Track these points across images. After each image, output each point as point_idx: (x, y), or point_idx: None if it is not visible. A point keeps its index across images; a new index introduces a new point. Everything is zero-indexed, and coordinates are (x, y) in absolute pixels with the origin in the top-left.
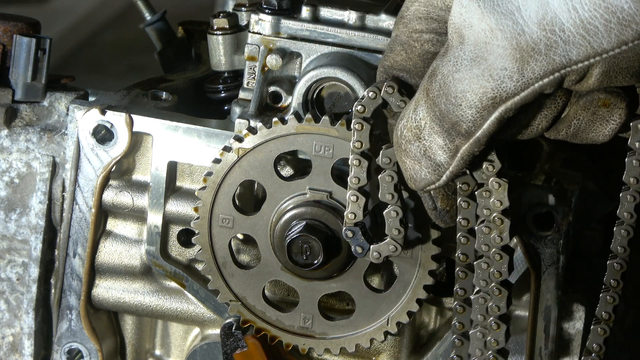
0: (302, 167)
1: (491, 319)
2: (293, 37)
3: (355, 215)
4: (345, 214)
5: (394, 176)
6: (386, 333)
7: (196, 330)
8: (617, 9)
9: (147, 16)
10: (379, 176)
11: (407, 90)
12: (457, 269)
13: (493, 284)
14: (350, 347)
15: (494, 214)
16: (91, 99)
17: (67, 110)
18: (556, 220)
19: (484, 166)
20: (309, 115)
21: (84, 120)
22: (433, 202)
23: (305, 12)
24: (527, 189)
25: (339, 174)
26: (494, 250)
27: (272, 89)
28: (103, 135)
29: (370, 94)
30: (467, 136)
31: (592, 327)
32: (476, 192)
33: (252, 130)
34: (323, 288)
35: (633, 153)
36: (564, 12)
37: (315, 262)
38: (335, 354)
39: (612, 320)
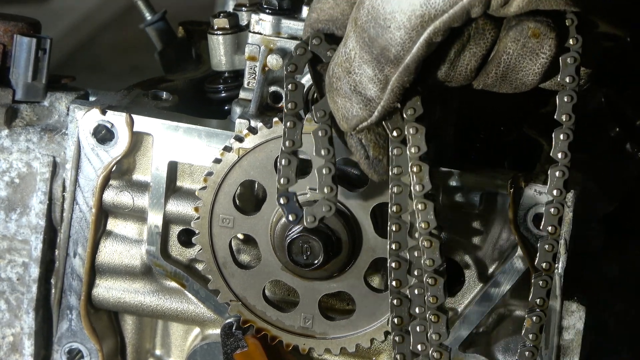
0: (302, 167)
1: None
2: (294, 37)
3: (288, 180)
4: (277, 179)
5: (327, 130)
6: (386, 333)
7: (196, 330)
8: None
9: (148, 16)
10: (312, 131)
11: (334, 40)
12: (390, 222)
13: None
14: (350, 347)
15: (412, 162)
16: (91, 99)
17: (68, 110)
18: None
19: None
20: (309, 116)
21: (84, 120)
22: (365, 150)
23: (305, 12)
24: (527, 188)
25: (339, 174)
26: (416, 201)
27: (272, 89)
28: (103, 135)
29: (299, 50)
30: (397, 62)
31: (533, 280)
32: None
33: (253, 130)
34: (323, 288)
35: (564, 89)
36: None
37: (316, 262)
38: (336, 354)
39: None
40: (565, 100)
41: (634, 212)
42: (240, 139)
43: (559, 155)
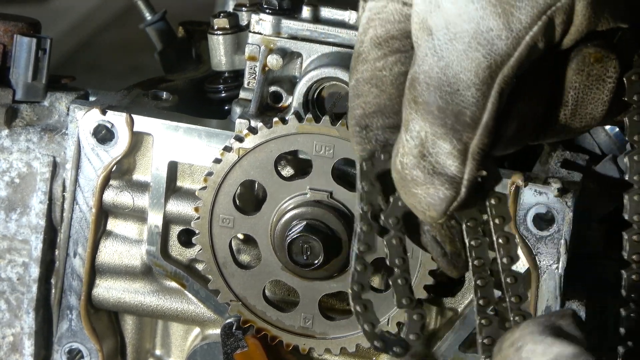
0: (302, 167)
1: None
2: (294, 37)
3: (373, 325)
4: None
5: (401, 237)
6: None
7: (196, 330)
8: None
9: (147, 16)
10: (385, 240)
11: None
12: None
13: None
14: (350, 347)
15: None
16: (91, 99)
17: (68, 110)
18: (556, 220)
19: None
20: (309, 115)
21: (84, 120)
22: (441, 247)
23: (305, 12)
24: (527, 188)
25: (340, 174)
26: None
27: (272, 89)
28: (103, 135)
29: (364, 227)
30: (474, 125)
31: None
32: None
33: (253, 130)
34: (323, 288)
35: (633, 109)
36: None
37: (316, 262)
38: (336, 354)
39: None
40: (636, 119)
41: None
42: (240, 139)
43: (635, 178)
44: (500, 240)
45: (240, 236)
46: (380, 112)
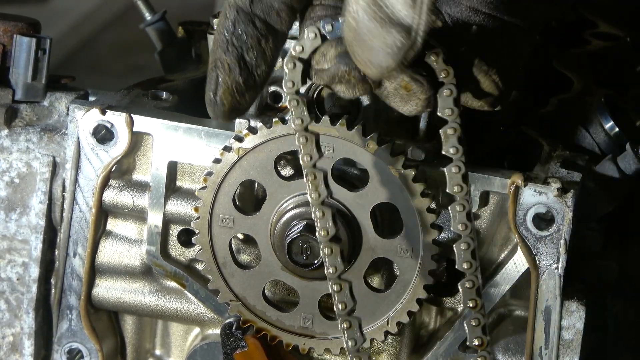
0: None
1: None
2: (293, 37)
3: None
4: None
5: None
6: (386, 333)
7: (196, 330)
8: None
9: (147, 16)
10: (441, 131)
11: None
12: None
13: None
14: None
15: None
16: (91, 99)
17: (68, 110)
18: (556, 220)
19: None
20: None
21: (84, 120)
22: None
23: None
24: (527, 188)
25: (339, 174)
26: None
27: (272, 89)
28: (103, 135)
29: (310, 34)
30: None
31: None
32: None
33: (253, 130)
34: (323, 288)
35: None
36: None
37: (316, 262)
38: (336, 354)
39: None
40: (449, 132)
41: (634, 212)
42: (240, 139)
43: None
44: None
45: (240, 236)
46: None
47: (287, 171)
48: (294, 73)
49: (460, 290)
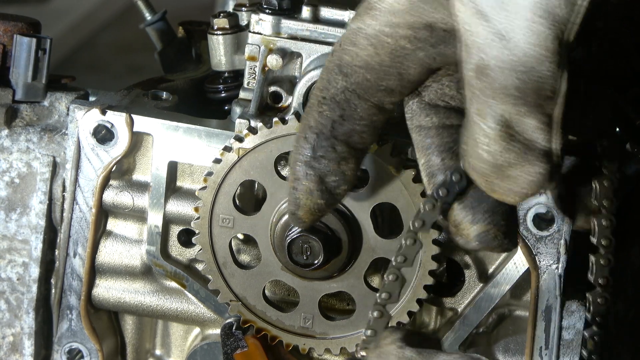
0: None
1: None
2: (293, 37)
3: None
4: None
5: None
6: None
7: (196, 330)
8: None
9: (148, 16)
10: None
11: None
12: None
13: None
14: (350, 347)
15: None
16: (91, 99)
17: (68, 110)
18: (556, 220)
19: None
20: None
21: (84, 120)
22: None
23: (305, 12)
24: None
25: None
26: None
27: (272, 89)
28: (103, 135)
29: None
30: (555, 95)
31: None
32: None
33: (253, 130)
34: (323, 288)
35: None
36: None
37: (316, 262)
38: (336, 354)
39: None
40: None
41: (634, 212)
42: (240, 139)
43: None
44: None
45: (240, 236)
46: (365, 69)
47: (287, 171)
48: (411, 249)
49: None
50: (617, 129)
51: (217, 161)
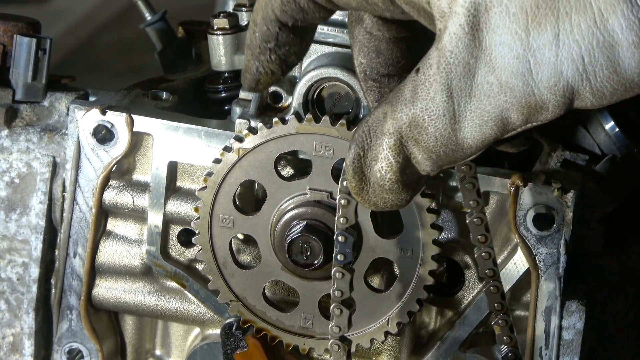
0: (302, 167)
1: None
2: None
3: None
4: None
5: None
6: (386, 333)
7: (196, 330)
8: (627, 81)
9: (148, 16)
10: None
11: None
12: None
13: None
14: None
15: None
16: (91, 99)
17: (68, 110)
18: (556, 220)
19: None
20: (309, 116)
21: (84, 120)
22: None
23: None
24: (527, 188)
25: (339, 174)
26: None
27: (272, 89)
28: (103, 135)
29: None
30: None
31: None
32: None
33: (253, 131)
34: (323, 288)
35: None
36: (577, 82)
37: (316, 262)
38: None
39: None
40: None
41: (634, 212)
42: (240, 139)
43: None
44: None
45: (240, 236)
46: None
47: (287, 171)
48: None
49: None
50: (617, 130)
51: (217, 161)
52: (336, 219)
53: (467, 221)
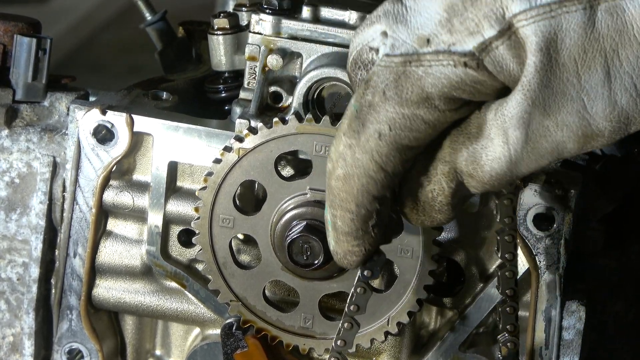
0: (302, 167)
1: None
2: (294, 37)
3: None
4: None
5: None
6: (387, 333)
7: (196, 330)
8: None
9: (148, 16)
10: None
11: None
12: None
13: None
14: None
15: None
16: (92, 99)
17: (68, 110)
18: (556, 220)
19: None
20: (309, 116)
21: (84, 120)
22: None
23: (306, 12)
24: (527, 188)
25: None
26: None
27: (272, 89)
28: (104, 135)
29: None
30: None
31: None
32: None
33: (253, 131)
34: (323, 288)
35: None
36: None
37: (316, 262)
38: None
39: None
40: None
41: (634, 212)
42: (240, 139)
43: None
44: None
45: (240, 236)
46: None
47: (287, 171)
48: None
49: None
50: None
51: (217, 161)
52: None
53: (498, 238)
